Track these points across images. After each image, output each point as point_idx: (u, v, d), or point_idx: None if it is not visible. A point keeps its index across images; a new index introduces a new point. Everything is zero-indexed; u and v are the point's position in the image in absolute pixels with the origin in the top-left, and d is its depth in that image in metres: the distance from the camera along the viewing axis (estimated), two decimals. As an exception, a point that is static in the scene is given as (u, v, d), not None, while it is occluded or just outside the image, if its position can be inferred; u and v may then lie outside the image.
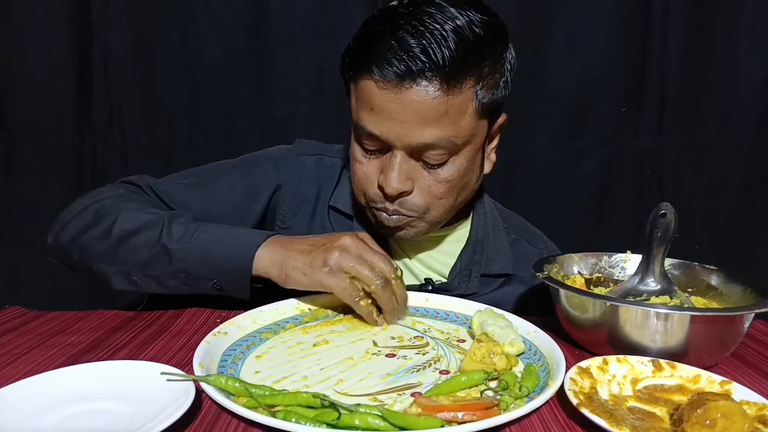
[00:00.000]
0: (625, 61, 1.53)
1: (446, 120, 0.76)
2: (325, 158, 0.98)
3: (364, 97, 0.78)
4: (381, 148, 0.81)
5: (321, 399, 0.51)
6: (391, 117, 0.76)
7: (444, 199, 0.83)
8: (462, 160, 0.81)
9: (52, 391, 0.54)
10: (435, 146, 0.77)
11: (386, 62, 0.73)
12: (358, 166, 0.84)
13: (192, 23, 1.50)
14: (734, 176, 1.57)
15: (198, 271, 0.78)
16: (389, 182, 0.79)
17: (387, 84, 0.75)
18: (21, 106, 1.54)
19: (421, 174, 0.81)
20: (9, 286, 1.56)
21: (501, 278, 0.96)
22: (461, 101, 0.76)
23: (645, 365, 0.62)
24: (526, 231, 1.04)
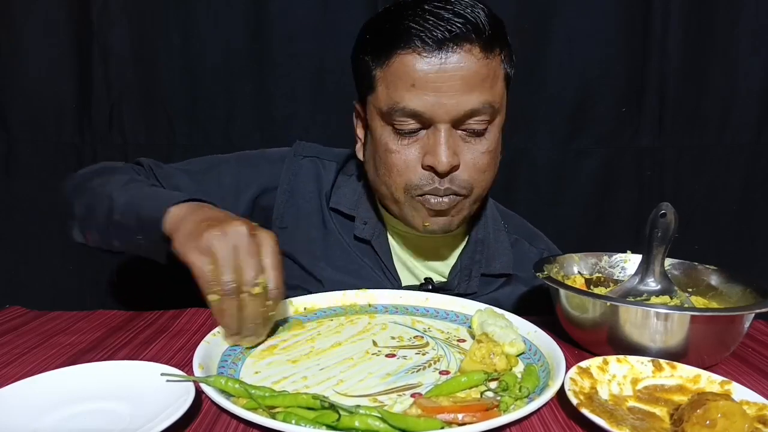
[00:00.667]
0: (625, 61, 1.52)
1: (487, 83, 0.78)
2: (323, 161, 0.98)
3: (401, 74, 0.77)
4: (419, 128, 0.80)
5: (321, 400, 0.51)
6: (437, 88, 0.76)
7: (486, 173, 0.84)
8: (496, 131, 0.83)
9: (52, 391, 0.54)
10: (479, 112, 0.78)
11: (426, 30, 0.75)
12: (394, 156, 0.82)
13: (192, 23, 1.50)
14: (734, 176, 1.57)
15: (126, 223, 0.78)
16: (440, 158, 0.78)
17: (431, 52, 0.75)
18: (21, 106, 1.54)
19: (464, 148, 0.81)
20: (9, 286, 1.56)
21: (501, 278, 0.96)
22: (496, 66, 0.80)
23: (645, 365, 0.62)
24: (527, 231, 1.04)
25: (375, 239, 0.92)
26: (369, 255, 0.93)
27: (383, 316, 0.81)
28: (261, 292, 0.65)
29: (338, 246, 0.93)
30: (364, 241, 0.93)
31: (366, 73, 0.83)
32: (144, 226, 0.76)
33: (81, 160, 1.57)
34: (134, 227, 0.77)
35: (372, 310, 0.83)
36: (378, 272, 0.93)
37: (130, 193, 0.81)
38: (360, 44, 0.85)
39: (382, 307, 0.84)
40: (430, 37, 0.75)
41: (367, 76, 0.83)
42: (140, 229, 0.77)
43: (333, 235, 0.94)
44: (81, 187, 0.89)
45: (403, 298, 0.85)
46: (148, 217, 0.75)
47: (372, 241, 0.92)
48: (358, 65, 0.85)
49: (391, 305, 0.84)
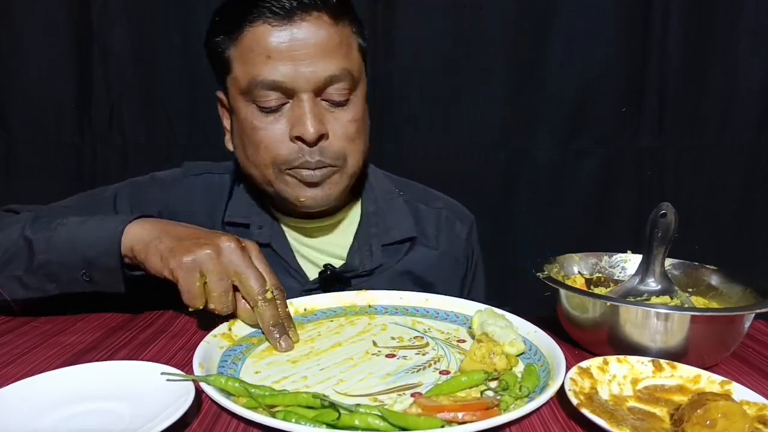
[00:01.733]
0: (625, 61, 1.53)
1: (341, 51, 0.79)
2: (213, 175, 0.97)
3: (255, 47, 0.77)
4: (282, 101, 0.80)
5: (321, 399, 0.51)
6: (292, 56, 0.77)
7: (356, 142, 0.84)
8: (360, 100, 0.84)
9: (52, 391, 0.54)
10: (338, 78, 0.79)
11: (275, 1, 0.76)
12: (260, 132, 0.81)
13: (192, 23, 1.50)
14: (734, 176, 1.57)
15: (63, 261, 0.73)
16: (306, 127, 0.78)
17: (281, 21, 0.76)
18: (21, 106, 1.54)
19: (330, 118, 0.81)
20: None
21: (405, 244, 0.96)
22: (347, 34, 0.82)
23: (645, 365, 0.62)
24: (424, 194, 1.04)
25: (274, 241, 0.91)
26: (270, 259, 0.89)
27: (383, 317, 0.80)
28: (273, 297, 0.69)
29: None
30: (263, 245, 0.89)
31: (220, 55, 0.83)
32: (91, 259, 0.73)
33: (81, 160, 1.57)
34: (76, 263, 0.73)
35: (372, 311, 0.83)
36: (282, 273, 0.90)
37: (53, 227, 0.75)
38: (211, 28, 0.85)
39: (381, 308, 0.84)
40: (279, 6, 0.75)
41: (222, 57, 0.82)
42: (86, 263, 0.73)
43: None
44: None
45: (403, 299, 0.85)
46: (97, 247, 0.72)
47: (271, 243, 0.91)
48: (212, 49, 0.85)
49: (390, 306, 0.84)
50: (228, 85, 0.84)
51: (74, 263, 0.74)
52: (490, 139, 1.55)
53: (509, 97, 1.53)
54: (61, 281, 0.75)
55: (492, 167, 1.57)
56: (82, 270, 0.74)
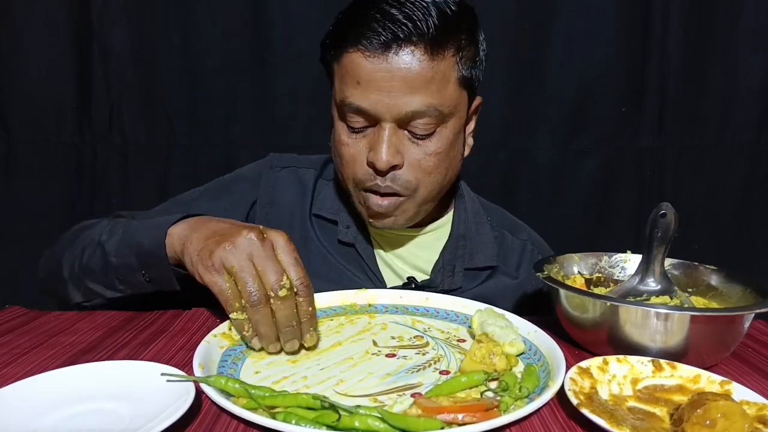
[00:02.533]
0: (625, 61, 1.53)
1: (432, 87, 0.78)
2: (299, 169, 0.98)
3: (349, 71, 0.78)
4: (368, 124, 0.81)
5: (321, 400, 0.51)
6: (379, 87, 0.77)
7: (433, 175, 0.83)
8: (448, 133, 0.82)
9: (52, 391, 0.54)
10: (423, 114, 0.78)
11: (372, 31, 0.76)
12: (344, 148, 0.83)
13: (192, 23, 1.50)
14: (734, 176, 1.57)
15: (126, 263, 0.76)
16: (379, 156, 0.79)
17: (374, 53, 0.76)
18: (21, 106, 1.54)
19: (410, 148, 0.81)
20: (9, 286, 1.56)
21: (485, 271, 0.96)
22: (445, 68, 0.78)
23: (645, 365, 0.62)
24: (511, 224, 1.04)
25: (358, 242, 0.93)
26: (352, 259, 0.93)
27: (383, 316, 0.80)
28: (288, 294, 0.63)
29: (318, 255, 0.93)
30: (347, 244, 0.93)
31: (328, 67, 0.85)
32: (145, 259, 0.75)
33: (81, 160, 1.57)
34: (135, 264, 0.76)
35: (372, 310, 0.83)
36: (361, 276, 0.92)
37: (119, 232, 0.79)
38: (325, 39, 0.85)
39: (382, 307, 0.84)
40: (376, 38, 0.75)
41: (328, 69, 0.85)
42: (143, 264, 0.76)
43: (313, 244, 0.93)
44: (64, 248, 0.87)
45: (403, 298, 0.85)
46: (148, 248, 0.74)
47: (356, 244, 0.92)
48: (324, 59, 0.86)
49: (391, 305, 0.84)
50: (331, 93, 0.86)
51: (134, 265, 0.76)
52: (490, 139, 1.55)
53: (509, 97, 1.53)
54: (128, 283, 0.78)
55: (492, 167, 1.57)
56: (142, 271, 0.76)
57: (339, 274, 0.92)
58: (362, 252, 0.93)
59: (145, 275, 0.76)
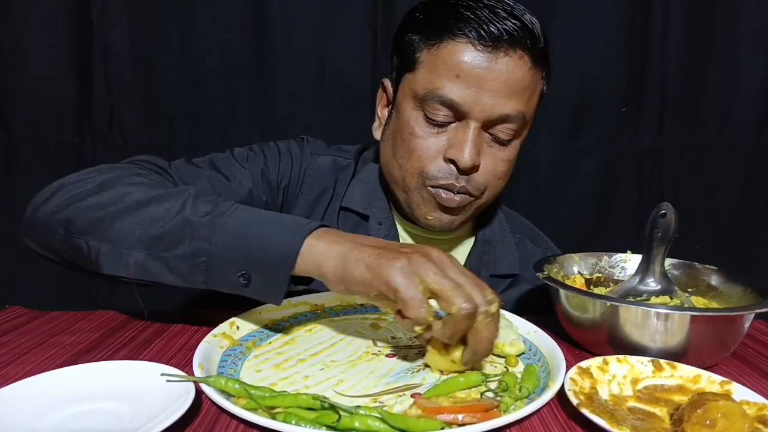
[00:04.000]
0: (625, 61, 1.52)
1: (526, 95, 0.78)
2: (340, 159, 0.96)
3: (449, 62, 0.76)
4: (452, 120, 0.79)
5: (321, 401, 0.51)
6: (480, 84, 0.75)
7: (501, 180, 0.83)
8: (520, 142, 0.83)
9: (52, 391, 0.54)
10: (511, 120, 0.78)
11: (487, 24, 0.74)
12: (418, 140, 0.80)
13: (192, 23, 1.50)
14: (734, 176, 1.57)
15: (224, 255, 0.63)
16: (465, 155, 0.77)
17: (484, 46, 0.74)
18: (21, 106, 1.54)
19: (487, 152, 0.80)
20: (9, 286, 1.56)
21: (508, 279, 0.96)
22: (537, 80, 0.80)
23: (645, 365, 0.62)
24: (531, 231, 1.04)
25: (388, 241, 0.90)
26: None
27: (383, 316, 0.80)
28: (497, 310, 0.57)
29: None
30: None
31: (410, 52, 0.81)
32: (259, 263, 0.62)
33: (81, 160, 1.57)
34: (238, 261, 0.63)
35: (372, 310, 0.83)
36: None
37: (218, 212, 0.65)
38: (409, 22, 0.83)
39: (382, 307, 0.84)
40: (487, 31, 0.74)
41: (411, 55, 0.80)
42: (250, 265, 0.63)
43: None
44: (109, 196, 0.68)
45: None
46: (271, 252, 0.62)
47: None
48: (403, 42, 0.82)
49: (391, 305, 0.84)
50: (404, 81, 0.82)
51: (236, 261, 0.63)
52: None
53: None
54: (213, 276, 0.64)
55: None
56: (242, 271, 0.63)
57: None
58: None
59: (244, 276, 0.63)
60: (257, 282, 0.63)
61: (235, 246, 0.63)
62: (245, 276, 0.63)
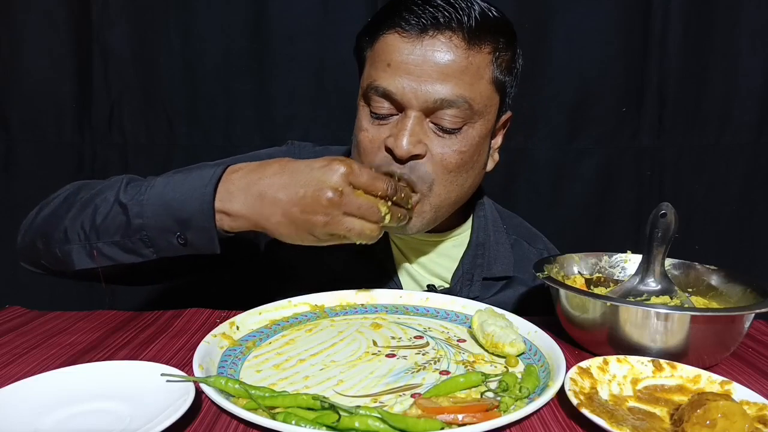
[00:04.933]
0: (625, 60, 1.52)
1: (465, 78, 0.76)
2: None
3: (381, 54, 0.78)
4: (393, 111, 0.79)
5: (321, 401, 0.51)
6: (410, 71, 0.75)
7: (453, 174, 0.80)
8: (475, 134, 0.80)
9: (52, 391, 0.54)
10: (451, 104, 0.76)
11: (411, 13, 0.75)
12: (363, 134, 0.81)
13: (192, 23, 1.50)
14: (734, 176, 1.57)
15: (157, 225, 0.70)
16: (399, 142, 0.76)
17: (410, 34, 0.75)
18: (21, 106, 1.54)
19: (434, 140, 0.78)
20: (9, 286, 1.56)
21: (502, 281, 0.96)
22: (480, 62, 0.77)
23: (645, 365, 0.62)
24: (527, 232, 1.03)
25: (378, 245, 0.89)
26: (369, 263, 0.91)
27: (383, 316, 0.80)
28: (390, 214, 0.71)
29: (334, 256, 0.89)
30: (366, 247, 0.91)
31: (360, 53, 0.84)
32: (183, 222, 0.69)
33: (81, 160, 1.57)
34: (170, 226, 0.70)
35: (372, 310, 0.83)
36: (377, 279, 0.91)
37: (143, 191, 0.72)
38: (364, 26, 0.85)
39: (382, 306, 0.84)
40: (414, 20, 0.75)
41: (361, 56, 0.84)
42: (180, 226, 0.70)
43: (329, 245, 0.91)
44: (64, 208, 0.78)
45: (403, 298, 0.85)
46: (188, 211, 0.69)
47: (375, 247, 0.90)
48: (356, 46, 0.85)
49: (391, 305, 0.84)
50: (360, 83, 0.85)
51: (168, 226, 0.70)
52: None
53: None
54: (157, 246, 0.72)
55: (492, 166, 1.57)
56: (176, 233, 0.70)
57: (356, 275, 0.90)
58: (381, 255, 0.91)
59: (180, 236, 0.70)
60: (193, 239, 0.70)
61: (161, 214, 0.70)
62: (181, 237, 0.70)
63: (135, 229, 0.71)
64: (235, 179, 0.70)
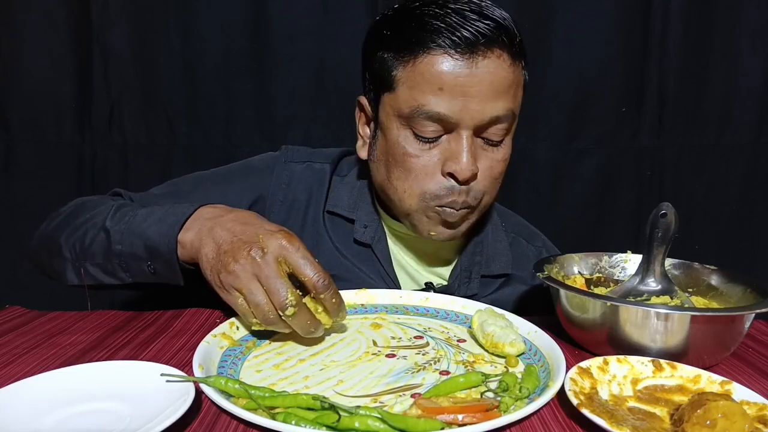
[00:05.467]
0: (625, 60, 1.53)
1: (512, 91, 0.77)
2: (314, 164, 0.96)
3: (428, 76, 0.74)
4: (442, 132, 0.77)
5: (321, 401, 0.51)
6: (465, 92, 0.73)
7: (498, 181, 0.83)
8: (510, 139, 0.82)
9: (52, 391, 0.54)
10: (502, 120, 0.77)
11: (459, 30, 0.72)
12: (413, 160, 0.78)
13: (192, 23, 1.50)
14: (734, 176, 1.57)
15: (132, 252, 0.75)
16: (462, 165, 0.75)
17: (461, 54, 0.73)
18: (21, 106, 1.54)
19: (482, 156, 0.79)
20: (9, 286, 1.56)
21: (501, 278, 0.96)
22: (519, 73, 0.79)
23: (645, 365, 0.62)
24: (525, 230, 1.03)
25: (376, 243, 0.91)
26: (367, 260, 0.91)
27: (383, 316, 0.80)
28: (294, 311, 0.64)
29: (330, 254, 0.91)
30: (364, 245, 0.91)
31: (384, 71, 0.79)
32: (153, 252, 0.74)
33: (81, 160, 1.57)
34: (142, 255, 0.75)
35: (372, 310, 0.83)
36: (375, 278, 0.91)
37: (125, 220, 0.77)
38: (377, 40, 0.80)
39: (382, 306, 0.84)
40: (461, 37, 0.72)
41: (385, 74, 0.78)
42: (150, 256, 0.74)
43: (325, 244, 0.91)
44: (64, 225, 0.84)
45: (403, 298, 0.85)
46: (157, 244, 0.73)
47: (373, 245, 0.91)
48: (374, 62, 0.81)
49: (391, 305, 0.84)
50: (383, 101, 0.81)
51: (141, 255, 0.75)
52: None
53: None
54: (131, 271, 0.77)
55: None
56: (148, 262, 0.75)
57: (352, 275, 0.90)
58: (379, 253, 0.91)
59: (150, 266, 0.75)
60: (160, 269, 0.75)
61: (136, 243, 0.75)
62: (151, 266, 0.75)
63: (114, 254, 0.77)
64: (201, 214, 0.73)
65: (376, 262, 0.91)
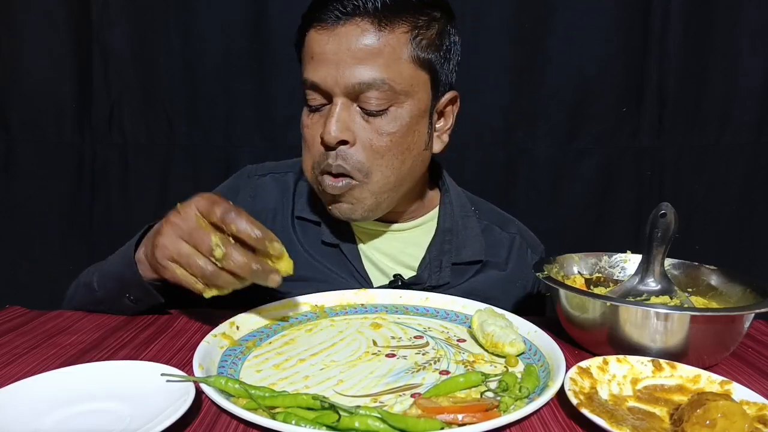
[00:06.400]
0: (625, 60, 1.52)
1: (381, 60, 0.78)
2: (276, 174, 0.99)
3: (307, 50, 0.82)
4: (324, 102, 0.81)
5: (321, 401, 0.51)
6: (327, 60, 0.78)
7: (386, 158, 0.81)
8: (404, 114, 0.81)
9: (52, 391, 0.54)
10: (371, 87, 0.78)
11: (326, 9, 0.79)
12: (305, 131, 0.85)
13: (192, 23, 1.50)
14: (734, 176, 1.57)
15: (109, 294, 0.80)
16: (327, 129, 0.79)
17: (324, 28, 0.79)
18: (21, 106, 1.54)
19: (362, 125, 0.80)
20: (9, 286, 1.56)
21: (474, 266, 0.95)
22: (394, 42, 0.79)
23: (645, 365, 0.62)
24: (498, 217, 1.03)
25: (343, 243, 0.91)
26: (337, 260, 0.92)
27: (383, 316, 0.80)
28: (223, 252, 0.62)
29: (302, 258, 0.91)
30: (332, 245, 0.92)
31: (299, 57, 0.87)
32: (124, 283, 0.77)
33: (81, 160, 1.57)
34: (117, 291, 0.78)
35: (372, 310, 0.83)
36: (347, 277, 0.91)
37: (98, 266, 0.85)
38: None
39: (382, 306, 0.84)
40: (329, 14, 0.78)
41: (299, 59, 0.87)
42: (123, 289, 0.78)
43: (295, 248, 0.92)
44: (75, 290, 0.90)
45: (403, 297, 0.85)
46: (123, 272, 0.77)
47: (340, 244, 0.91)
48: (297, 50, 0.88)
49: (390, 305, 0.84)
50: None
51: (116, 291, 0.79)
52: (489, 138, 1.55)
53: (509, 95, 1.52)
54: (118, 311, 0.81)
55: (491, 166, 1.57)
56: (125, 295, 0.78)
57: (324, 277, 0.90)
58: (347, 252, 0.91)
59: (129, 297, 0.78)
60: (137, 295, 0.78)
61: (111, 281, 0.80)
62: (130, 298, 0.78)
63: (99, 301, 0.81)
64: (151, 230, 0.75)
65: (346, 261, 0.91)
